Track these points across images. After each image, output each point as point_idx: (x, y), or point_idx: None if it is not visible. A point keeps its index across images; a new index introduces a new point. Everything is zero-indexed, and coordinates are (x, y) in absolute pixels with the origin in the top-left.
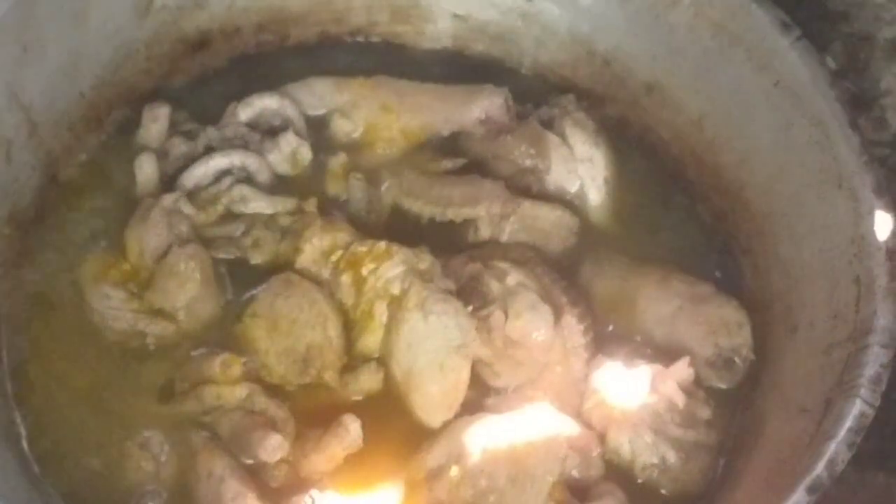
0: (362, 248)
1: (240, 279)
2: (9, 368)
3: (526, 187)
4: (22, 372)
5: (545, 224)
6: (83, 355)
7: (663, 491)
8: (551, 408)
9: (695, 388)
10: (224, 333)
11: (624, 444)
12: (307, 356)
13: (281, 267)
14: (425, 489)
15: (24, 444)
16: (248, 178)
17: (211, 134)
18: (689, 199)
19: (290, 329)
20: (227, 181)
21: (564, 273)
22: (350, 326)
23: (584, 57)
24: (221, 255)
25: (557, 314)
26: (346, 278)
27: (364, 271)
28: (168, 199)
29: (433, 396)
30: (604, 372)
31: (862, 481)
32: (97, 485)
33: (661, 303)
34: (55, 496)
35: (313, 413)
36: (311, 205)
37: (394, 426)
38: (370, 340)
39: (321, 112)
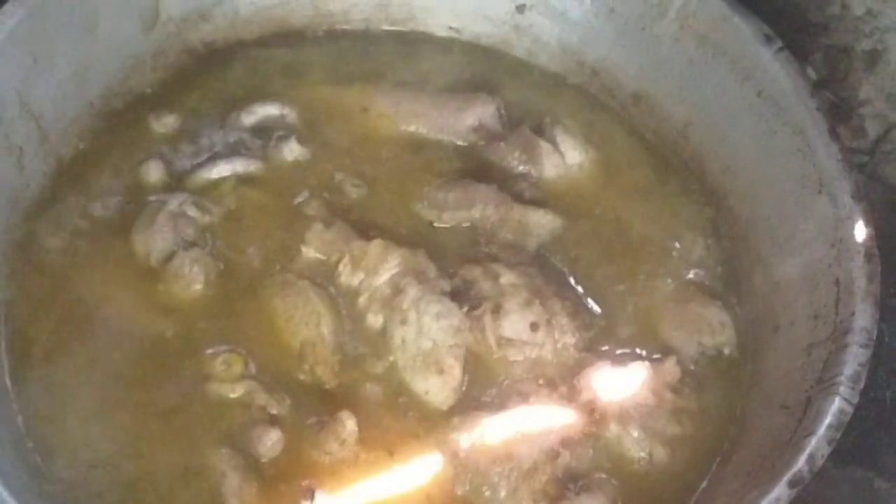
0: (360, 249)
1: (241, 280)
2: (12, 366)
3: (518, 192)
4: (24, 369)
5: (537, 228)
6: (87, 354)
7: (651, 485)
8: (544, 405)
9: (681, 385)
10: (227, 332)
11: (613, 439)
12: (301, 352)
13: (280, 268)
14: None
15: (28, 442)
16: (250, 182)
17: (215, 140)
18: None
19: (286, 326)
20: (230, 184)
21: (558, 273)
22: (346, 325)
23: (574, 67)
24: (224, 257)
25: (549, 313)
26: (343, 278)
27: (361, 271)
28: (174, 203)
29: (425, 397)
30: (594, 369)
31: (841, 476)
32: (100, 483)
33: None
34: (58, 494)
35: (312, 409)
36: (311, 208)
37: (390, 423)
38: (365, 339)
39: (321, 118)
